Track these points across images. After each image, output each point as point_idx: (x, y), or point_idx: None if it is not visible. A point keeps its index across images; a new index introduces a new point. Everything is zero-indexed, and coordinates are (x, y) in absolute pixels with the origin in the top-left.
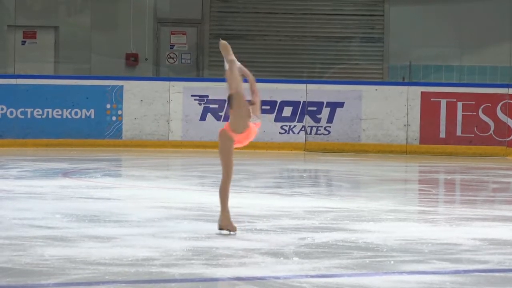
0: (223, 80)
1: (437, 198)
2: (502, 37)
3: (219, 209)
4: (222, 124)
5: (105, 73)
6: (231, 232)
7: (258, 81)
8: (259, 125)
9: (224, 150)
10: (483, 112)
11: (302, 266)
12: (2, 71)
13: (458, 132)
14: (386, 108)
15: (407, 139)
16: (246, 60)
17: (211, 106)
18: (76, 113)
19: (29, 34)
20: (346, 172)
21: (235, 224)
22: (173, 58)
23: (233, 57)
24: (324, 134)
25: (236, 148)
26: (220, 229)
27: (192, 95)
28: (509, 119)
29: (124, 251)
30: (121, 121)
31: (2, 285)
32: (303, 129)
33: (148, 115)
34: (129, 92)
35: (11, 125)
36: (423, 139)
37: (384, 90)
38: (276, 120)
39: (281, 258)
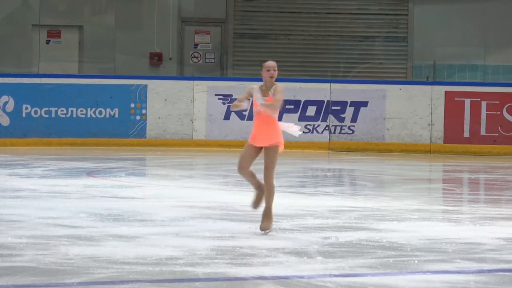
0: (247, 80)
1: (461, 198)
2: None
3: (241, 208)
4: (246, 124)
5: (129, 73)
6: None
7: (282, 80)
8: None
9: None
10: (507, 111)
11: (326, 265)
12: (27, 71)
13: (482, 132)
14: (410, 107)
15: (431, 138)
16: (270, 60)
17: None
18: (100, 113)
19: (54, 33)
20: (370, 171)
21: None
22: (197, 58)
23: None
24: (348, 134)
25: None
26: None
27: (216, 94)
28: None
29: (148, 251)
30: (145, 120)
31: (27, 284)
32: (327, 128)
33: (172, 114)
34: (153, 91)
35: (35, 124)
36: (447, 139)
37: (408, 89)
38: (300, 119)
39: (305, 258)
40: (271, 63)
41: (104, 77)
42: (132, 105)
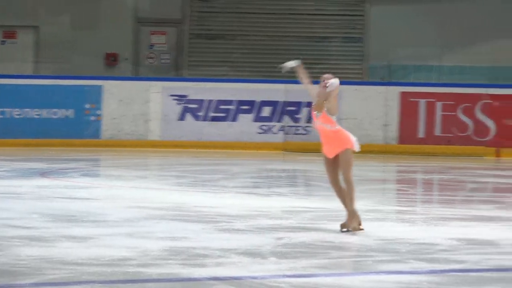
0: (202, 80)
1: (415, 198)
2: (482, 37)
3: (194, 209)
4: (201, 124)
5: (85, 73)
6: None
7: (238, 80)
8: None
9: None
10: (462, 112)
11: (279, 266)
12: None
13: (437, 132)
14: (365, 108)
15: (385, 139)
16: (227, 60)
17: (190, 106)
18: (55, 113)
19: (9, 33)
20: (324, 172)
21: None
22: (152, 58)
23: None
24: (303, 134)
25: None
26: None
27: (171, 95)
28: (488, 119)
29: (101, 251)
30: (100, 120)
31: None
32: (282, 129)
33: (127, 115)
34: (108, 92)
35: None
36: (401, 139)
37: (364, 90)
38: (255, 120)
39: (258, 258)
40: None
41: (59, 77)
42: (87, 106)
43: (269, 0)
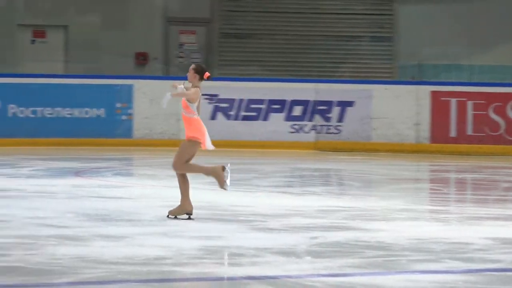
0: (232, 79)
1: (448, 197)
2: None
3: (228, 208)
4: (232, 123)
5: (115, 72)
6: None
7: (268, 80)
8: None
9: None
10: (493, 111)
11: (314, 265)
12: (12, 70)
13: (469, 131)
14: (396, 107)
15: (417, 138)
16: (256, 59)
17: (221, 105)
18: (86, 112)
19: (39, 33)
20: (357, 171)
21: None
22: (182, 57)
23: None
24: (334, 133)
25: None
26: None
27: (202, 94)
28: None
29: (136, 250)
30: (132, 120)
31: (15, 284)
32: (313, 128)
33: (158, 114)
34: (139, 91)
35: (22, 124)
36: (433, 138)
37: (394, 89)
38: (286, 119)
39: (293, 257)
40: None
41: (89, 77)
42: (118, 105)
43: None
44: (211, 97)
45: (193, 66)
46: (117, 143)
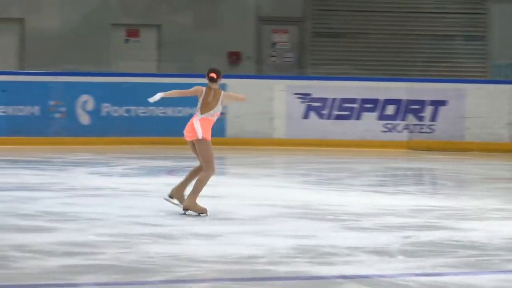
0: (325, 79)
1: None
2: None
3: (321, 207)
4: (325, 122)
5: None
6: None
7: (361, 79)
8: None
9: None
10: None
11: (407, 264)
12: (106, 70)
13: None
14: (490, 106)
15: (511, 137)
16: (349, 58)
17: (314, 104)
18: (179, 111)
19: (132, 32)
20: (450, 170)
21: None
22: (275, 56)
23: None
24: (427, 133)
25: None
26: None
27: (294, 93)
28: None
29: (229, 249)
30: (224, 119)
31: (109, 282)
32: (406, 127)
33: (250, 113)
34: (232, 90)
35: (115, 123)
36: None
37: (488, 88)
38: (379, 118)
39: (386, 257)
40: None
41: (182, 76)
42: None
43: None
44: (304, 96)
45: None
46: (211, 142)
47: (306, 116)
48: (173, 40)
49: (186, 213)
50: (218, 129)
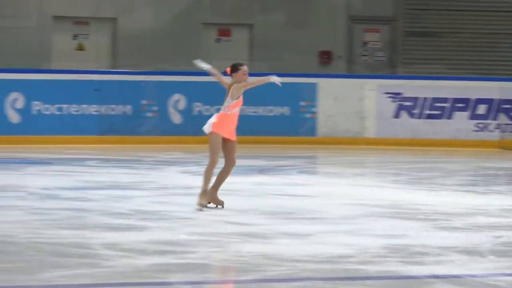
0: (416, 78)
1: None
2: None
3: (412, 206)
4: (416, 122)
5: (299, 71)
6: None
7: (452, 78)
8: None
9: None
10: None
11: (498, 264)
12: (198, 69)
13: None
14: None
15: None
16: (440, 58)
17: (405, 103)
18: (271, 111)
19: (224, 32)
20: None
21: None
22: (366, 56)
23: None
24: None
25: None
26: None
27: (385, 93)
28: None
29: (320, 248)
30: (315, 118)
31: (200, 280)
32: (498, 127)
33: (342, 113)
34: (323, 89)
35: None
36: None
37: None
38: (470, 117)
39: (477, 257)
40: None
41: (274, 75)
42: (302, 103)
43: None
44: (395, 95)
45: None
46: (301, 141)
47: (397, 115)
48: (264, 40)
49: (208, 206)
50: (309, 128)
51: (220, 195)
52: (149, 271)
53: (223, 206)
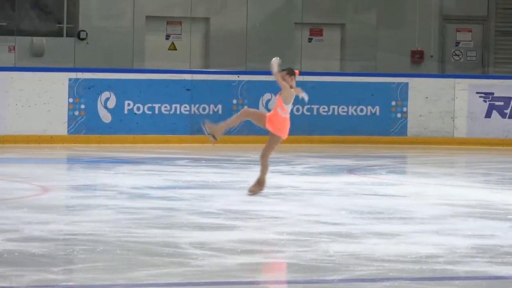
0: (508, 78)
1: None
2: None
3: (502, 206)
4: (508, 122)
5: (391, 70)
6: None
7: None
8: None
9: None
10: None
11: None
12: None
13: None
14: None
15: None
16: None
17: (497, 103)
18: (361, 110)
19: (316, 31)
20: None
21: None
22: (458, 55)
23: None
24: None
25: None
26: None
27: (477, 92)
28: None
29: (409, 248)
30: (406, 118)
31: (288, 280)
32: None
33: (433, 112)
34: (414, 89)
35: (297, 121)
36: None
37: None
38: None
39: None
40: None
41: (365, 75)
42: (393, 103)
43: None
44: (486, 95)
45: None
46: (391, 141)
47: (488, 115)
48: (356, 39)
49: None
50: (400, 128)
51: (310, 194)
52: (237, 271)
53: (216, 139)
